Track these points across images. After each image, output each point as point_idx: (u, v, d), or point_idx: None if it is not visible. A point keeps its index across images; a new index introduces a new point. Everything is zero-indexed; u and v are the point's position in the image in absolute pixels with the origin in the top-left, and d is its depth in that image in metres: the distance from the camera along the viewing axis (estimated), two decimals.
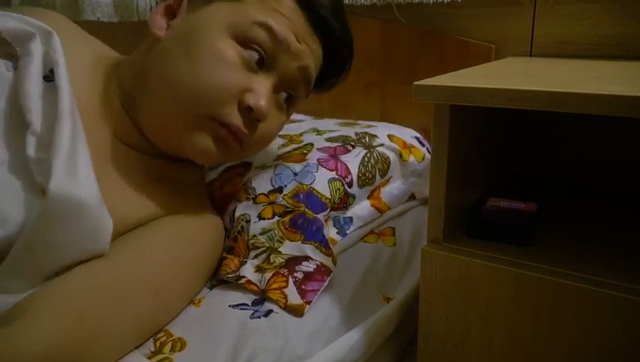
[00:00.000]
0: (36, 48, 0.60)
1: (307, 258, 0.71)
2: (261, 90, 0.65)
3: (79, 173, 0.54)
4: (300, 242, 0.73)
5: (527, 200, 0.73)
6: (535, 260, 0.61)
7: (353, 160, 0.85)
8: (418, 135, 1.01)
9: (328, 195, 0.79)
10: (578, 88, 0.52)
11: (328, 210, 0.78)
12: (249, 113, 0.65)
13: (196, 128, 0.65)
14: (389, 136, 0.94)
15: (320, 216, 0.77)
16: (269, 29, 0.65)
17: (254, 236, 0.73)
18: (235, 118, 0.65)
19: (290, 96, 0.72)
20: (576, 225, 0.72)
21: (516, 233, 0.66)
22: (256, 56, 0.66)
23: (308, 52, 0.70)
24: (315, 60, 0.72)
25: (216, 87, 0.63)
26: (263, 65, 0.67)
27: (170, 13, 0.69)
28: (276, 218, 0.74)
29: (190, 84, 0.62)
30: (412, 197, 0.94)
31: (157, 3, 0.74)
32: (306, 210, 0.75)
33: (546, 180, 0.90)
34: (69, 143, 0.54)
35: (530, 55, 0.98)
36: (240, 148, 0.68)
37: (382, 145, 0.91)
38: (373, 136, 0.93)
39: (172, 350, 0.58)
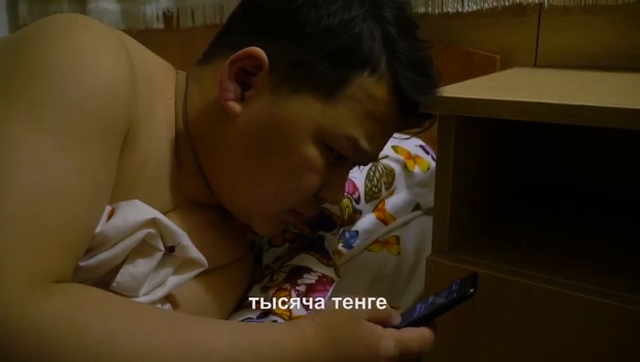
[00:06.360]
0: None
1: (308, 270, 0.71)
2: (339, 186, 0.66)
3: None
4: (301, 253, 0.73)
5: (533, 209, 0.72)
6: (542, 271, 0.61)
7: (359, 175, 0.84)
8: (422, 143, 1.01)
9: (338, 213, 0.79)
10: (586, 101, 0.52)
11: (338, 227, 0.78)
12: (323, 199, 0.66)
13: (271, 219, 0.66)
14: (394, 148, 0.94)
15: (330, 234, 0.77)
16: (357, 144, 0.62)
17: (267, 265, 0.74)
18: (310, 208, 0.66)
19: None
20: (584, 234, 0.72)
21: None
22: (337, 154, 0.63)
23: (385, 144, 0.68)
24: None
25: (301, 192, 0.63)
26: (341, 159, 0.64)
27: (243, 78, 0.60)
28: (286, 244, 0.75)
29: (276, 187, 0.62)
30: (417, 206, 0.93)
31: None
32: (308, 232, 0.76)
33: (551, 187, 0.89)
34: None
35: (535, 66, 0.98)
36: None
37: (386, 156, 0.91)
38: None
39: None
